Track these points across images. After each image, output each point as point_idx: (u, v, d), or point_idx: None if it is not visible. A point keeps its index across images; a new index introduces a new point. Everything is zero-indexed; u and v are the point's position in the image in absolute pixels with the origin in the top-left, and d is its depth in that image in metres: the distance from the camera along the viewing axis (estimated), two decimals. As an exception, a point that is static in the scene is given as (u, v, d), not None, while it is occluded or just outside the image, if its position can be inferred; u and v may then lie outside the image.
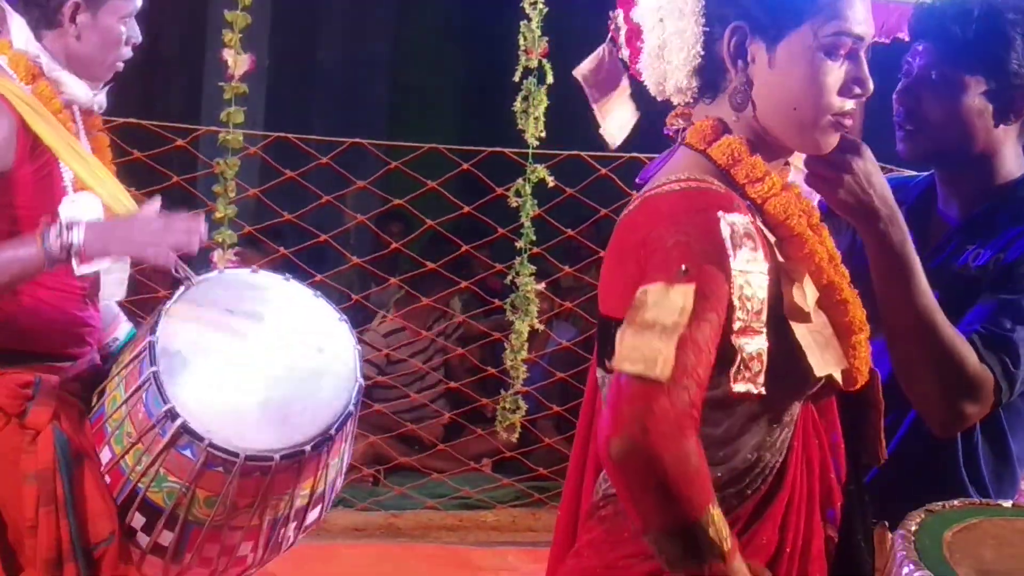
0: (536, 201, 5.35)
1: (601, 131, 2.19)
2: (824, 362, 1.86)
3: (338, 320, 2.89)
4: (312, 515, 2.80)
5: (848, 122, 1.95)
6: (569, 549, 2.02)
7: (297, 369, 2.77)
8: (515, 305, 5.39)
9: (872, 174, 2.08)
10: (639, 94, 2.12)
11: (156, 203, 2.82)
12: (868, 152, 2.08)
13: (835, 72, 1.91)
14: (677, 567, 1.73)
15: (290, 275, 3.01)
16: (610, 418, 1.70)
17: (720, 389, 1.81)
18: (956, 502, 2.00)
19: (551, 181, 5.28)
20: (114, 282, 2.88)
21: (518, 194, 5.33)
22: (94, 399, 2.81)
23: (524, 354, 5.40)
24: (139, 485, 2.66)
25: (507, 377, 5.52)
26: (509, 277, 5.40)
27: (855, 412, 2.05)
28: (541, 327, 5.53)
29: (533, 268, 5.38)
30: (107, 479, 2.72)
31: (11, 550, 2.77)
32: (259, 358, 2.77)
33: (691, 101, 2.00)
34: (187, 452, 2.61)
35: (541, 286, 5.43)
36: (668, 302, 1.74)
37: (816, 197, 2.09)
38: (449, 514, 5.69)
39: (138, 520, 2.70)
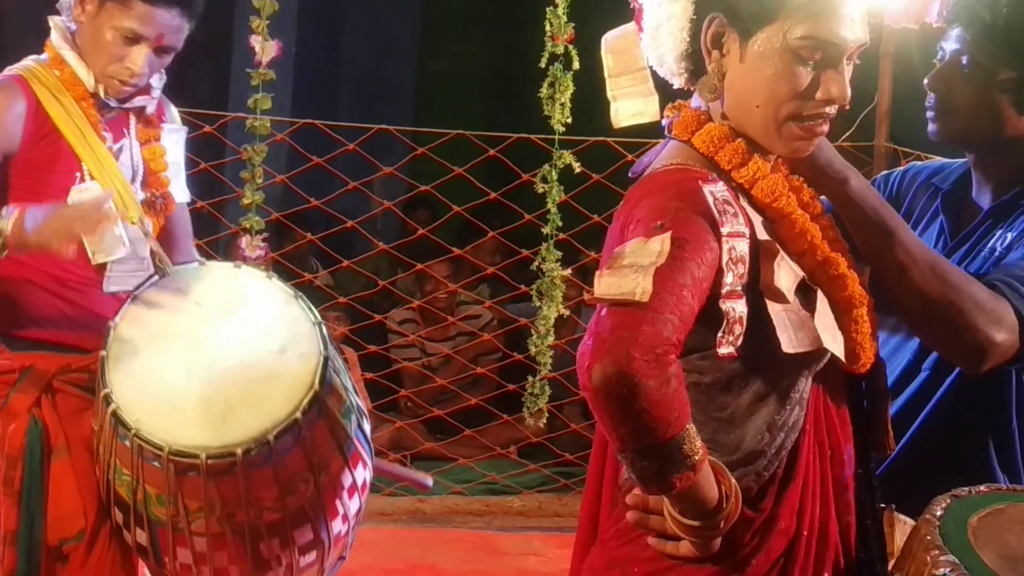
0: (562, 187, 5.36)
1: (612, 107, 2.18)
2: (796, 341, 1.85)
3: (312, 324, 2.71)
4: (301, 536, 2.64)
5: (822, 128, 1.95)
6: (593, 534, 2.03)
7: (251, 368, 2.63)
8: (541, 291, 5.40)
9: (824, 145, 2.07)
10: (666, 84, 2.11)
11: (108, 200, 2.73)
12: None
13: (802, 76, 1.90)
14: (650, 482, 1.76)
15: (274, 273, 2.91)
16: (592, 346, 1.71)
17: (724, 368, 1.84)
18: (982, 487, 2.01)
19: (577, 167, 5.28)
20: (126, 271, 2.81)
21: (544, 180, 5.33)
22: None
23: (551, 340, 5.41)
24: (109, 476, 2.63)
25: (534, 363, 5.53)
26: (535, 263, 5.41)
27: (868, 399, 2.06)
28: (567, 313, 5.53)
29: (559, 254, 5.38)
30: (96, 471, 2.70)
31: None
32: (212, 353, 2.65)
33: (686, 87, 2.02)
34: (125, 442, 2.54)
35: (567, 272, 5.44)
36: (645, 249, 1.76)
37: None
38: (475, 499, 5.71)
39: (117, 515, 2.67)
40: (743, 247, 1.83)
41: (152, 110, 2.89)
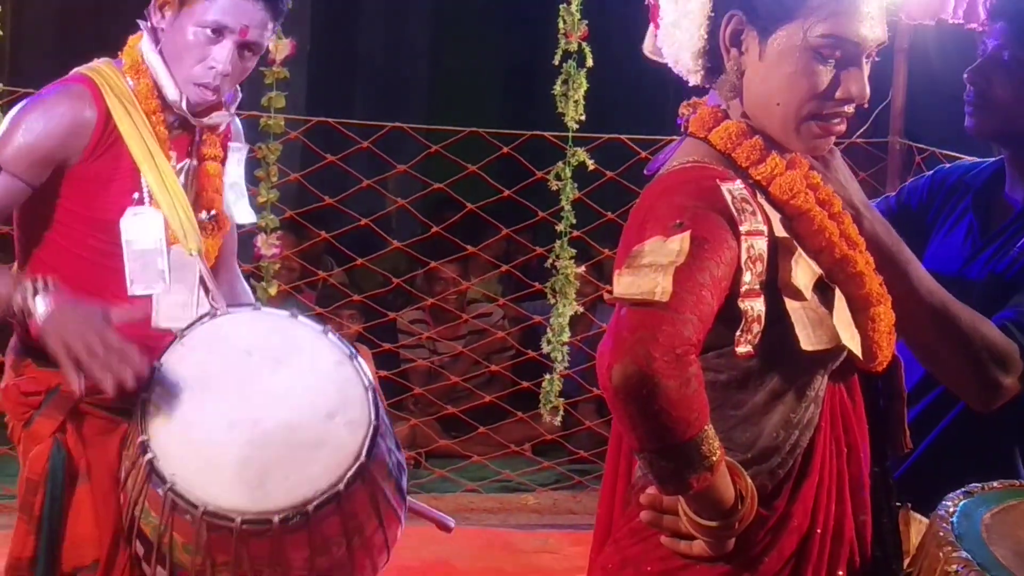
0: (576, 184, 5.36)
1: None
2: (814, 338, 1.85)
3: (364, 388, 2.58)
4: None
5: (839, 127, 1.94)
6: (607, 535, 2.03)
7: (295, 431, 2.52)
8: (555, 289, 5.41)
9: (842, 170, 2.07)
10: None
11: (137, 315, 2.65)
12: (837, 152, 2.07)
13: (822, 75, 1.90)
14: (667, 482, 1.76)
15: (331, 328, 2.73)
16: (612, 345, 1.71)
17: (741, 365, 1.84)
18: (995, 483, 2.00)
19: (591, 164, 5.29)
20: (175, 304, 2.69)
21: (558, 177, 5.34)
22: None
23: (565, 337, 5.42)
24: (134, 511, 2.53)
25: (548, 361, 5.54)
26: (549, 260, 5.41)
27: (885, 398, 2.05)
28: (581, 310, 5.53)
29: (573, 251, 5.39)
30: (121, 498, 2.59)
31: None
32: (258, 409, 2.54)
33: (702, 84, 2.01)
34: (158, 491, 2.45)
35: (581, 269, 5.44)
36: (664, 248, 1.76)
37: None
38: (490, 497, 5.72)
39: (138, 548, 2.58)
40: (761, 245, 1.82)
41: (223, 128, 2.80)
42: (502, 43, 10.15)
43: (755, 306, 1.80)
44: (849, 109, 1.94)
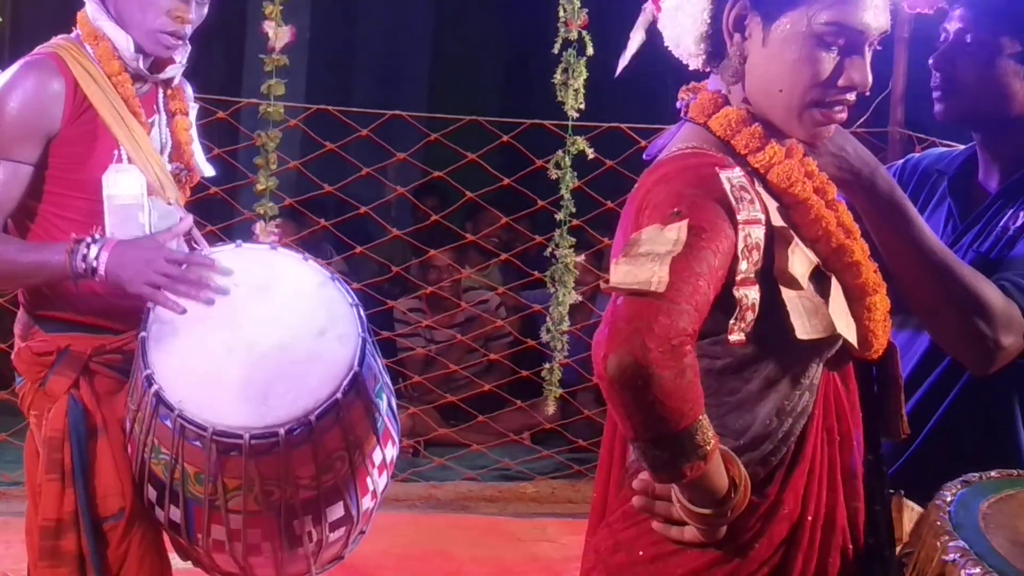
0: (576, 173, 5.36)
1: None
2: (809, 327, 1.85)
3: (349, 305, 2.74)
4: (333, 512, 2.68)
5: (841, 115, 1.94)
6: (602, 521, 2.04)
7: (290, 349, 2.66)
8: (555, 277, 5.41)
9: (838, 137, 2.09)
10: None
11: (188, 222, 2.81)
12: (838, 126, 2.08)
13: (826, 62, 1.90)
14: (661, 471, 1.76)
15: (309, 255, 2.90)
16: (607, 336, 1.71)
17: (736, 352, 1.84)
18: (993, 473, 2.00)
19: (591, 153, 5.28)
20: None
21: (558, 166, 5.33)
22: None
23: (565, 326, 5.42)
24: (144, 455, 2.64)
25: (547, 350, 5.54)
26: (549, 249, 5.41)
27: (879, 385, 2.06)
28: (579, 299, 5.53)
29: (573, 240, 5.39)
30: (128, 449, 2.72)
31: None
32: (252, 334, 2.66)
33: (702, 68, 2.01)
34: (167, 422, 2.56)
35: (581, 258, 5.44)
36: (662, 237, 1.75)
37: None
38: (488, 485, 5.72)
39: (151, 493, 2.68)
40: (759, 234, 1.82)
41: (178, 81, 2.90)
42: (502, 31, 10.15)
43: (749, 294, 1.80)
44: (851, 97, 1.94)
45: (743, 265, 1.80)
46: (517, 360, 6.02)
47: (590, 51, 5.06)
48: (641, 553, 1.91)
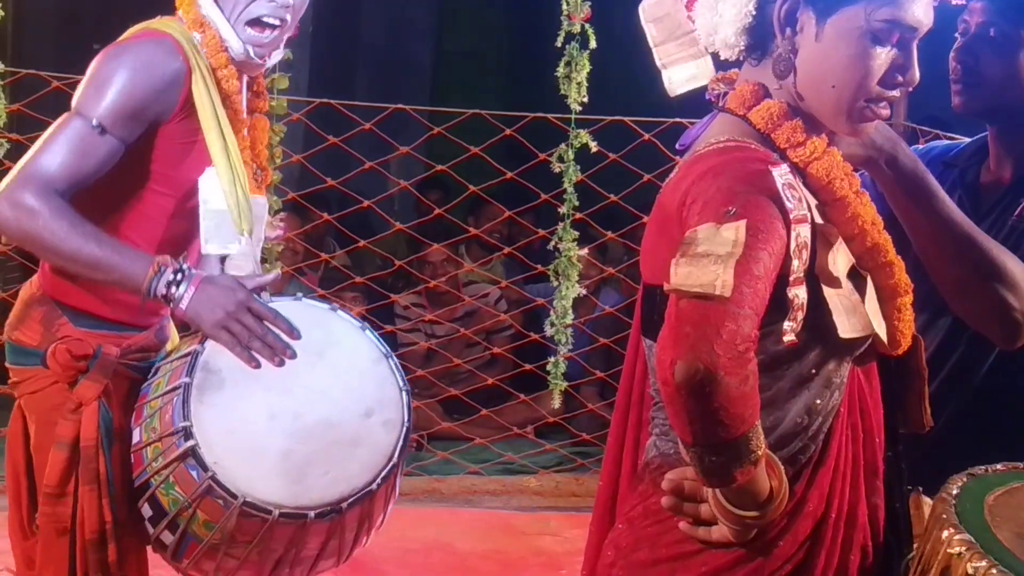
0: (579, 166, 5.35)
1: (664, 76, 2.13)
2: (849, 326, 1.84)
3: (399, 390, 2.61)
4: (324, 565, 2.64)
5: (885, 112, 1.94)
6: (610, 515, 2.03)
7: (335, 427, 2.53)
8: (558, 271, 5.40)
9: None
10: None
11: (276, 273, 2.71)
12: None
13: (881, 58, 1.89)
14: (712, 476, 1.74)
15: (367, 324, 2.73)
16: (673, 340, 1.68)
17: (770, 350, 1.82)
18: (999, 466, 1.99)
19: (594, 146, 5.27)
20: (240, 254, 2.69)
21: (561, 159, 5.33)
22: (152, 372, 2.67)
23: (569, 320, 5.41)
24: (152, 480, 2.54)
25: (551, 343, 5.54)
26: (552, 242, 5.41)
27: (898, 379, 2.04)
28: (583, 292, 5.53)
29: (576, 234, 5.38)
30: (132, 459, 2.60)
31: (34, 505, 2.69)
32: (299, 403, 2.52)
33: (738, 59, 1.99)
34: (193, 473, 2.45)
35: (584, 251, 5.44)
36: (719, 237, 1.72)
37: None
38: (492, 479, 5.72)
39: (147, 511, 2.59)
40: (807, 232, 1.80)
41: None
42: (505, 25, 10.14)
43: (800, 294, 1.78)
44: (897, 94, 1.93)
45: (795, 264, 1.77)
46: (520, 354, 6.02)
47: (593, 44, 5.05)
48: (664, 551, 1.89)
